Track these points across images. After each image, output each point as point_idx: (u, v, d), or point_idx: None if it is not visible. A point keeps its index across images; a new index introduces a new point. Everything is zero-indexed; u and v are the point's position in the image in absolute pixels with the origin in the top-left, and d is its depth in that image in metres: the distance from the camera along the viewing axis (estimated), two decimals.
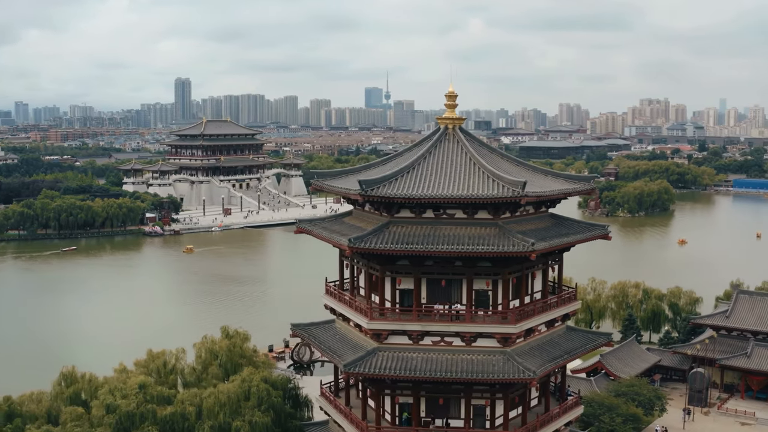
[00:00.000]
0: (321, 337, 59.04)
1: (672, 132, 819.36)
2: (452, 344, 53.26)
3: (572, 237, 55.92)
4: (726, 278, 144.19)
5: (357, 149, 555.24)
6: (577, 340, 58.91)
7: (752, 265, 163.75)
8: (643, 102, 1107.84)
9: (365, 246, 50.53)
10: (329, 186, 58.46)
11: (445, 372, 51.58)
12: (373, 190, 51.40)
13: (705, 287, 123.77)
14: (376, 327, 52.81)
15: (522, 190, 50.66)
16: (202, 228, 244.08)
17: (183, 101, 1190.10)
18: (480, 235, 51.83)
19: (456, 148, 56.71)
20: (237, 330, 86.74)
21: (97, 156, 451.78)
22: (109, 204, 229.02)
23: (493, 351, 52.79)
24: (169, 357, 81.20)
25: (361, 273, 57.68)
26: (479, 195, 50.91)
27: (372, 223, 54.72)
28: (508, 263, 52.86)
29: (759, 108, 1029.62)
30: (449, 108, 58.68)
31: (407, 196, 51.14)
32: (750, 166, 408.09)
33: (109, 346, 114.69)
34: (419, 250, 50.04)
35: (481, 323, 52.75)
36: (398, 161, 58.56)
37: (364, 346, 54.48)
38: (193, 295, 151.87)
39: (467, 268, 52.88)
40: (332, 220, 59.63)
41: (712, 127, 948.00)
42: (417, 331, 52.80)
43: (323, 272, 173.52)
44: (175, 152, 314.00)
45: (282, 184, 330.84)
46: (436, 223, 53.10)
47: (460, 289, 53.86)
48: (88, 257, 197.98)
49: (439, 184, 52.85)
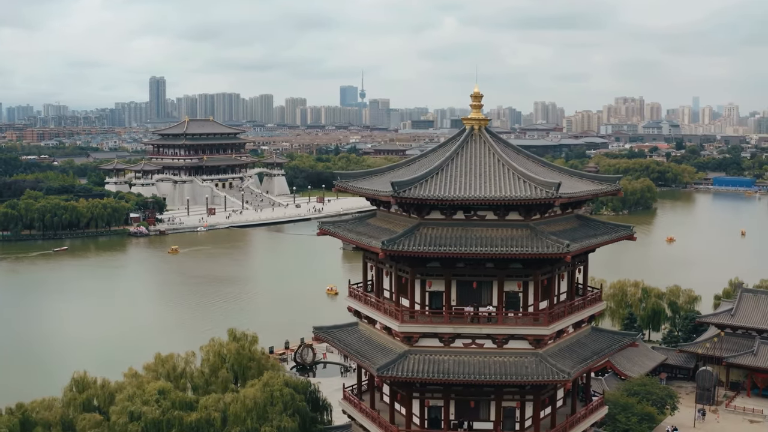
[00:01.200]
0: (345, 340, 58.31)
1: (648, 130, 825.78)
2: (483, 346, 52.86)
3: (601, 238, 55.76)
4: (719, 276, 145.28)
5: (336, 148, 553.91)
6: (604, 341, 58.74)
7: (743, 263, 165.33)
8: (618, 100, 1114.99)
9: (399, 248, 49.97)
10: (354, 187, 57.81)
11: (478, 375, 51.15)
12: (405, 192, 50.87)
13: (700, 285, 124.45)
14: (407, 330, 52.28)
15: (556, 192, 50.36)
16: (187, 228, 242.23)
17: (158, 100, 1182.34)
18: (512, 237, 51.47)
19: (483, 149, 56.31)
20: (244, 332, 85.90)
21: (75, 155, 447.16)
22: (94, 204, 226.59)
23: (525, 353, 52.45)
24: (177, 360, 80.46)
25: (388, 275, 56.99)
26: (513, 196, 50.55)
27: (400, 225, 54.16)
28: (540, 265, 52.52)
29: (733, 106, 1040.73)
30: (474, 109, 58.31)
31: (440, 198, 50.64)
32: (728, 164, 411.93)
33: (109, 349, 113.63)
34: (455, 252, 49.57)
35: (513, 325, 52.39)
36: (424, 162, 58.05)
37: (392, 349, 53.93)
38: (185, 296, 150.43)
39: (499, 270, 52.51)
40: (356, 222, 58.98)
41: (687, 125, 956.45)
42: (448, 334, 52.37)
43: (313, 272, 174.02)
44: (157, 152, 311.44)
45: (264, 184, 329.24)
46: (466, 225, 52.65)
47: (490, 291, 53.48)
48: (75, 258, 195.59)
49: (469, 185, 52.42)
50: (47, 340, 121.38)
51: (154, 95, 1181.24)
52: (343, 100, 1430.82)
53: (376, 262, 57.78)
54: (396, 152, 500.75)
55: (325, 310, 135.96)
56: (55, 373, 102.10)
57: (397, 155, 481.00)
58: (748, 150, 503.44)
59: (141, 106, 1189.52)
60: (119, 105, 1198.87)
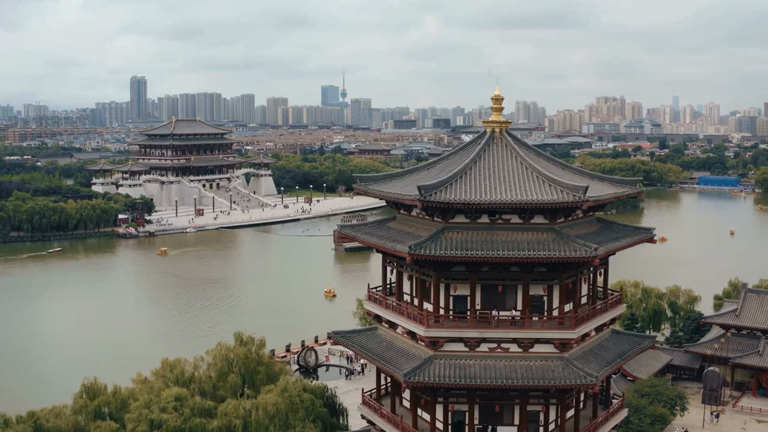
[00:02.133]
0: (366, 345, 57.74)
1: (630, 129, 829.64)
2: (509, 350, 52.58)
3: (624, 241, 55.72)
4: (714, 276, 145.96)
5: (321, 148, 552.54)
6: (625, 343, 58.62)
7: (736, 263, 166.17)
8: (600, 100, 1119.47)
9: (426, 253, 49.59)
10: (374, 191, 57.28)
11: (505, 379, 50.83)
12: (431, 196, 50.45)
13: (697, 285, 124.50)
14: (433, 335, 51.88)
15: (583, 195, 50.14)
16: (176, 229, 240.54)
17: (139, 100, 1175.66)
18: (538, 241, 51.23)
19: (506, 152, 56.00)
20: (251, 336, 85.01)
21: (58, 156, 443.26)
22: (83, 206, 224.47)
23: (551, 357, 52.23)
24: (184, 365, 79.57)
25: (409, 279, 56.52)
26: (541, 200, 50.26)
27: (424, 229, 53.80)
28: (565, 268, 52.34)
29: (714, 105, 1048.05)
30: (495, 111, 58.04)
31: (467, 202, 50.26)
32: (712, 163, 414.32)
33: (109, 353, 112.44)
34: (484, 257, 49.22)
35: (540, 329, 52.13)
36: (445, 166, 57.62)
37: (416, 354, 53.50)
38: (180, 299, 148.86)
39: (524, 274, 52.22)
40: (376, 226, 58.43)
41: (669, 124, 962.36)
42: (475, 338, 52.04)
43: (307, 273, 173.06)
44: (144, 152, 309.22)
45: (251, 184, 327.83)
46: (491, 229, 52.33)
47: (514, 295, 53.21)
48: (66, 260, 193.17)
49: (494, 188, 52.07)
50: (45, 345, 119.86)
51: (135, 95, 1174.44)
52: (325, 100, 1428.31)
53: (398, 266, 57.29)
54: (380, 152, 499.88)
55: (324, 312, 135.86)
56: (57, 379, 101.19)
57: (381, 155, 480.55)
58: (731, 149, 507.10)
59: (122, 106, 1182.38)
60: (100, 105, 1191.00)
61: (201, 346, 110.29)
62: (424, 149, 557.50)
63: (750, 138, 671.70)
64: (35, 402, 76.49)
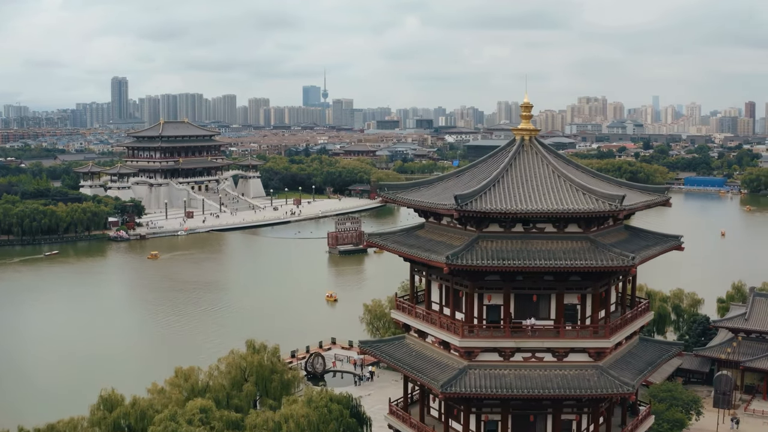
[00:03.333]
0: (395, 354, 57.29)
1: (613, 130, 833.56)
2: (543, 360, 52.38)
3: (655, 249, 55.69)
4: (712, 277, 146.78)
5: (306, 149, 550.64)
6: (653, 351, 58.61)
7: (732, 264, 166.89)
8: (582, 100, 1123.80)
9: (463, 263, 49.25)
10: (404, 199, 56.86)
11: (541, 388, 50.63)
12: (468, 205, 50.12)
13: (697, 287, 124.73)
14: (468, 345, 51.57)
15: (620, 204, 50.02)
16: (167, 232, 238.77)
17: (120, 100, 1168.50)
18: (573, 249, 51.03)
19: (537, 160, 55.78)
20: (263, 343, 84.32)
21: (42, 158, 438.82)
22: (74, 209, 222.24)
23: (585, 366, 52.08)
24: (198, 374, 78.82)
25: (440, 288, 56.12)
26: (578, 209, 50.07)
27: (456, 238, 53.45)
28: (600, 277, 52.18)
29: (696, 106, 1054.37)
30: (525, 119, 57.84)
31: (505, 211, 50.00)
32: (697, 163, 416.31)
33: (111, 361, 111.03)
34: (524, 267, 48.95)
35: (575, 338, 51.96)
36: (474, 174, 57.31)
37: (449, 364, 53.17)
38: (178, 304, 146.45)
39: (559, 283, 52.03)
40: (404, 234, 58.00)
41: (651, 124, 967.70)
42: (510, 348, 51.76)
43: (304, 276, 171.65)
44: (132, 154, 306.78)
45: (239, 186, 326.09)
46: (525, 237, 52.08)
47: (548, 304, 53.01)
48: (60, 265, 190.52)
49: (528, 197, 51.85)
50: (43, 353, 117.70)
51: (116, 96, 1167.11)
52: (306, 100, 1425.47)
53: (428, 275, 56.86)
54: (366, 153, 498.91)
55: (326, 317, 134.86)
56: (59, 389, 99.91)
57: (367, 156, 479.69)
58: (715, 150, 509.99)
59: (103, 107, 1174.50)
60: (81, 106, 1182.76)
61: (203, 352, 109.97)
62: (409, 150, 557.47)
63: (732, 138, 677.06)
64: (45, 414, 75.43)
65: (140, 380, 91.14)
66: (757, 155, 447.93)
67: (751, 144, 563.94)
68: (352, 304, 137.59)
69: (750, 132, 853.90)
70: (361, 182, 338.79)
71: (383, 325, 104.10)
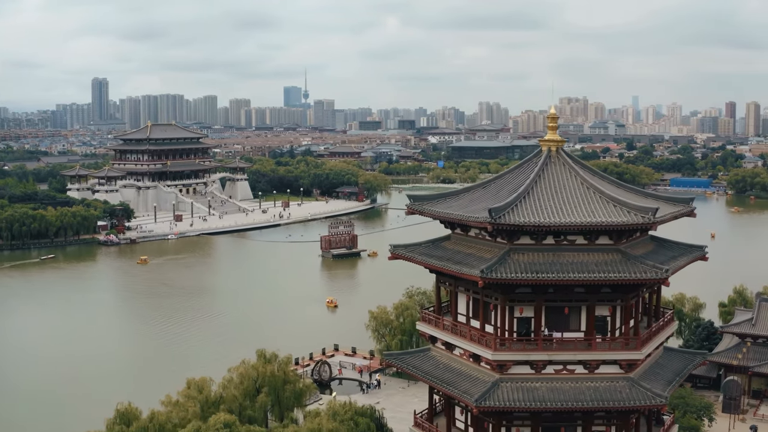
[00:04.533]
0: (422, 367, 56.87)
1: (595, 130, 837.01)
2: (574, 372, 52.24)
3: (682, 260, 55.65)
4: (710, 281, 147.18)
5: (291, 150, 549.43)
6: (678, 360, 58.63)
7: (728, 267, 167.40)
8: (563, 100, 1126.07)
9: (498, 276, 49.02)
10: (431, 211, 56.47)
11: (574, 401, 50.51)
12: (501, 218, 49.89)
13: (696, 290, 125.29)
14: (500, 358, 51.32)
15: (653, 217, 49.97)
16: (157, 236, 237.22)
17: (100, 101, 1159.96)
18: (604, 262, 50.94)
19: (565, 171, 55.62)
20: (275, 353, 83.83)
21: (25, 160, 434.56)
22: (63, 213, 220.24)
23: (617, 377, 52.01)
24: (210, 384, 78.24)
25: (469, 301, 55.82)
26: (612, 222, 50.01)
27: (486, 250, 53.18)
28: (631, 289, 52.13)
29: (677, 106, 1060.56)
30: (550, 130, 57.66)
31: (539, 224, 49.82)
32: (682, 164, 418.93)
33: (115, 371, 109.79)
34: (561, 279, 48.82)
35: (607, 350, 51.86)
36: (501, 185, 57.06)
37: (478, 377, 52.89)
38: (175, 311, 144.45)
39: (590, 295, 51.91)
40: (431, 246, 57.53)
41: (632, 124, 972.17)
42: (542, 361, 51.58)
43: (300, 281, 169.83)
44: (119, 157, 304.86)
45: (227, 189, 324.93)
46: (556, 250, 51.92)
47: (578, 316, 52.89)
48: (52, 270, 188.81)
49: (560, 209, 51.67)
50: (43, 365, 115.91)
51: (97, 96, 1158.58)
52: (287, 101, 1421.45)
53: (456, 287, 56.54)
54: (351, 154, 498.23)
55: (328, 323, 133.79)
56: (68, 403, 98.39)
57: (352, 157, 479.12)
58: (698, 150, 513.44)
59: (83, 108, 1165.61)
60: (61, 107, 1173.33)
61: (206, 360, 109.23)
62: (393, 151, 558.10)
63: (715, 138, 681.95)
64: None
65: (147, 391, 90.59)
66: (740, 156, 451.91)
67: (734, 145, 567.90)
68: (353, 309, 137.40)
69: (731, 132, 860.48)
70: (348, 184, 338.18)
71: (389, 332, 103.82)
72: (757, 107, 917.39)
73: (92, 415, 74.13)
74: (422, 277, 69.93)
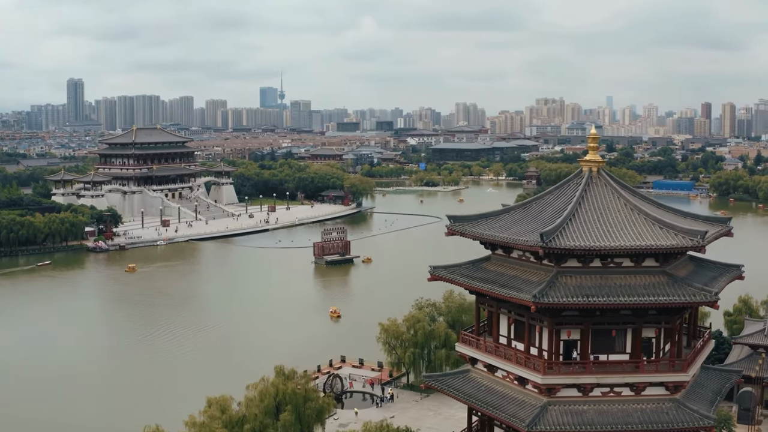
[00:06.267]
0: (464, 389, 56.65)
1: (573, 132, 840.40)
2: (621, 394, 52.29)
3: (723, 279, 55.91)
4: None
5: (272, 152, 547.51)
6: (715, 379, 58.95)
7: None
8: (540, 101, 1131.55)
9: (551, 301, 48.92)
10: (473, 232, 56.33)
11: (622, 424, 50.64)
12: (552, 242, 49.78)
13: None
14: (550, 382, 51.23)
15: (703, 240, 50.15)
16: (146, 242, 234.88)
17: (76, 102, 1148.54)
18: (652, 284, 51.12)
19: (607, 192, 55.71)
20: (293, 369, 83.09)
21: (4, 162, 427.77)
22: (52, 219, 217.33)
23: (663, 399, 52.21)
24: (230, 402, 77.52)
25: (512, 323, 55.63)
26: (662, 245, 50.21)
27: (531, 273, 53.15)
28: (678, 311, 52.27)
29: (653, 107, 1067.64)
30: (592, 150, 57.70)
31: (590, 248, 49.87)
32: (663, 166, 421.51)
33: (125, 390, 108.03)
34: (613, 302, 49.10)
35: (654, 372, 51.97)
36: (543, 205, 57.06)
37: (524, 400, 52.81)
38: (173, 322, 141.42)
39: (637, 317, 51.96)
40: (471, 268, 57.37)
41: (609, 125, 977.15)
42: (591, 384, 51.52)
43: (296, 290, 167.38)
44: (104, 161, 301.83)
45: (212, 193, 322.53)
46: (603, 272, 51.99)
47: (623, 338, 52.92)
48: (43, 279, 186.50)
49: (608, 232, 51.76)
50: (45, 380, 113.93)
51: (72, 97, 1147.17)
52: (263, 102, 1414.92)
53: (498, 309, 56.29)
54: (332, 157, 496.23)
55: (333, 334, 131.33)
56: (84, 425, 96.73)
57: (334, 160, 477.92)
58: (678, 152, 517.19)
59: (58, 109, 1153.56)
60: (35, 107, 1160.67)
61: (214, 374, 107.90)
62: (374, 153, 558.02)
63: (692, 140, 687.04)
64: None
65: (160, 410, 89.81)
66: (720, 158, 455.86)
67: (714, 146, 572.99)
68: (356, 319, 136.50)
69: (707, 132, 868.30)
70: (333, 188, 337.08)
71: (400, 345, 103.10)
72: (733, 108, 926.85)
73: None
74: (423, 284, 69.17)
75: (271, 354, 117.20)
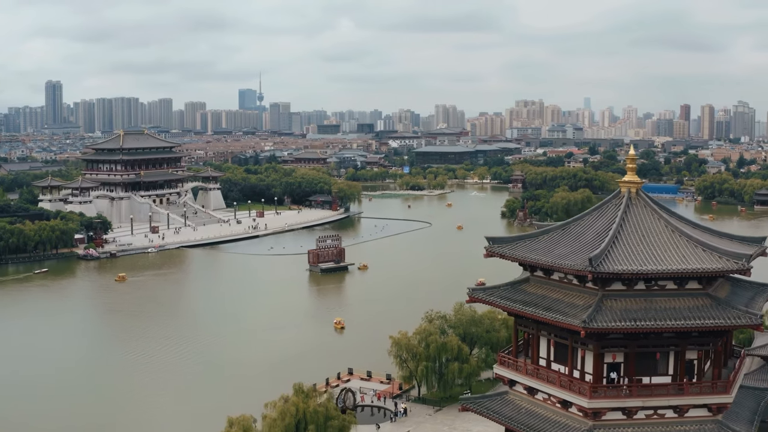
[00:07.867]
0: (503, 412, 56.45)
1: (554, 134, 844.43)
2: (665, 417, 52.33)
3: (761, 300, 56.02)
4: None
5: (256, 156, 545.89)
6: (750, 397, 59.18)
7: None
8: (519, 103, 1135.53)
9: (600, 326, 48.89)
10: (512, 255, 56.22)
11: None
12: (599, 266, 49.75)
13: None
14: (596, 406, 51.18)
15: (747, 263, 50.30)
16: (136, 249, 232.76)
17: (54, 105, 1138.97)
18: (696, 307, 51.26)
19: (647, 214, 55.82)
20: (312, 387, 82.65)
21: None
22: (42, 227, 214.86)
23: (705, 420, 52.37)
24: (250, 422, 76.95)
25: (553, 346, 55.47)
26: (707, 268, 50.44)
27: (574, 296, 53.13)
28: (721, 334, 52.42)
29: (632, 109, 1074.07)
30: (630, 171, 57.76)
31: (637, 272, 49.97)
32: (647, 170, 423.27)
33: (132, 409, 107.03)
34: (661, 327, 49.33)
35: (698, 395, 52.03)
36: (582, 226, 57.04)
37: (568, 423, 52.75)
38: (173, 334, 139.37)
39: (681, 340, 52.02)
40: (510, 289, 57.16)
41: (589, 128, 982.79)
42: (636, 408, 51.53)
43: (294, 299, 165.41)
44: (91, 167, 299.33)
45: (200, 198, 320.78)
46: (647, 295, 52.05)
47: (666, 361, 52.97)
48: (36, 288, 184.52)
49: (652, 255, 51.87)
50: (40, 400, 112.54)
51: (50, 99, 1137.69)
52: (242, 103, 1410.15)
53: (539, 331, 56.12)
54: (316, 161, 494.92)
55: (338, 347, 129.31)
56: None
57: (318, 163, 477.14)
58: (660, 155, 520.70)
59: (36, 111, 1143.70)
60: (13, 110, 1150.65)
61: (224, 391, 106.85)
62: (357, 156, 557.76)
63: (673, 142, 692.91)
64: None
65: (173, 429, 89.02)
66: (704, 160, 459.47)
67: (696, 149, 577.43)
68: (360, 330, 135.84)
69: (686, 134, 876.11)
70: (320, 192, 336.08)
71: (412, 358, 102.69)
72: (712, 110, 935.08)
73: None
74: (423, 293, 69.25)
75: (277, 367, 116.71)
